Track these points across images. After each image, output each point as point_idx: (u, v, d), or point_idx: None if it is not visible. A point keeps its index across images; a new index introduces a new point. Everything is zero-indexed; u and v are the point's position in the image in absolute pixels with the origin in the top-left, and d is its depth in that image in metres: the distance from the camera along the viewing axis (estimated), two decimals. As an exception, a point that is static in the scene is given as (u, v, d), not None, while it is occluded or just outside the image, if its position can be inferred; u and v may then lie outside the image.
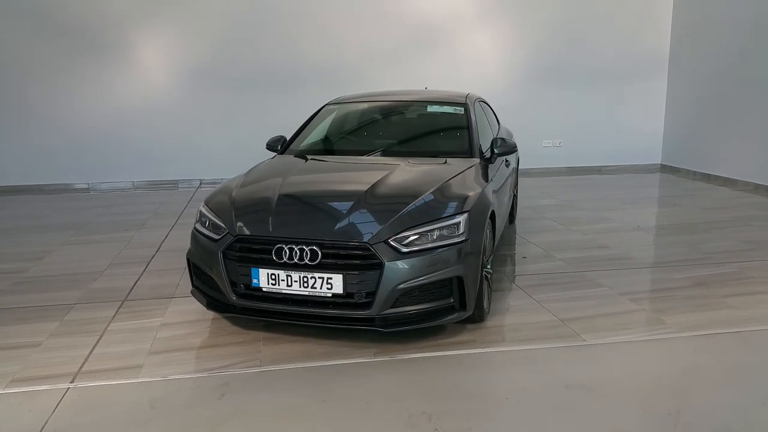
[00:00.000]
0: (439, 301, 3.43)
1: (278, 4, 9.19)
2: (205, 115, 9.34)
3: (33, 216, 7.34)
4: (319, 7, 9.31)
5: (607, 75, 10.33)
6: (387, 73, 9.47)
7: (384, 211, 3.49)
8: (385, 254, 3.27)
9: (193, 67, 9.17)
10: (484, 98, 6.07)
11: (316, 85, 9.10)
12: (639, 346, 3.62)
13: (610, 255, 5.44)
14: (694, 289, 4.55)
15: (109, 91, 9.01)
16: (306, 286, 3.32)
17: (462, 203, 3.61)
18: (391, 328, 3.38)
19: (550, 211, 7.32)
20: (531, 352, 3.54)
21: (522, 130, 10.11)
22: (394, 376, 3.25)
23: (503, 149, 4.58)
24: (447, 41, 9.77)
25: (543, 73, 10.14)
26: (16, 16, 8.57)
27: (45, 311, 4.18)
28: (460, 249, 3.43)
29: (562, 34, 10.08)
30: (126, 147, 9.21)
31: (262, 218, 3.52)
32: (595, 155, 10.67)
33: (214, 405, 2.98)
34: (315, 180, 4.08)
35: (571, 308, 4.18)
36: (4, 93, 8.75)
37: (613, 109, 10.52)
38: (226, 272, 3.47)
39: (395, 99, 5.36)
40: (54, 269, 5.15)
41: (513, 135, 6.69)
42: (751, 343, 3.66)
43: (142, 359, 3.44)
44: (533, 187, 9.12)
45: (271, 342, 3.64)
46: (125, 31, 8.90)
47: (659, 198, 8.39)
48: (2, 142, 8.85)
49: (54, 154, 9.03)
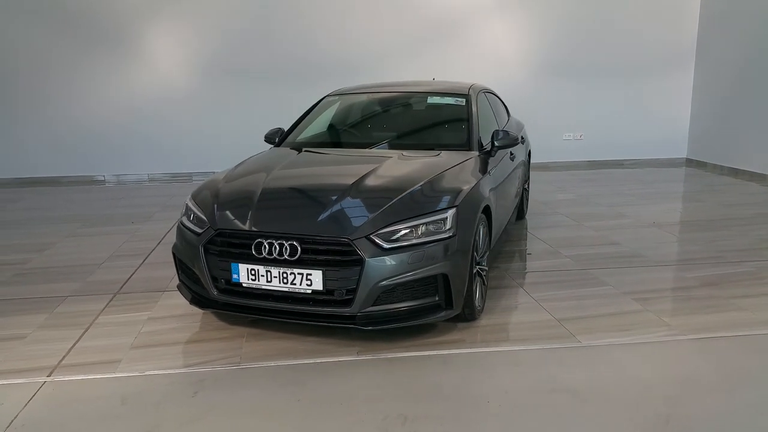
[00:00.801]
0: (424, 299, 3.31)
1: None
2: (219, 107, 9.33)
3: (45, 207, 7.42)
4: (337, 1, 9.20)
5: (630, 66, 10.01)
6: (404, 65, 9.32)
7: (367, 206, 3.38)
8: (366, 250, 3.16)
9: (208, 60, 9.16)
10: (491, 89, 5.90)
11: (332, 77, 8.95)
12: (635, 348, 3.44)
13: (620, 252, 5.24)
14: (702, 289, 4.34)
15: (125, 84, 9.06)
16: (286, 282, 3.23)
17: (450, 198, 3.47)
18: (372, 326, 3.28)
19: (564, 206, 7.12)
20: (520, 353, 3.40)
21: (541, 123, 9.93)
22: (374, 376, 3.15)
23: (504, 142, 4.42)
24: (465, 33, 9.57)
25: (564, 65, 9.88)
26: (33, 11, 8.66)
27: (37, 303, 4.18)
28: (447, 245, 3.30)
29: (584, 24, 9.79)
30: (141, 139, 9.26)
31: (243, 212, 3.44)
32: (617, 149, 10.37)
33: (185, 402, 2.92)
34: (301, 173, 3.99)
35: (571, 308, 4.02)
36: (22, 87, 8.86)
37: (637, 102, 10.19)
38: (207, 267, 3.40)
39: (396, 90, 5.24)
40: (55, 261, 5.17)
41: (524, 127, 6.53)
42: (756, 347, 3.46)
43: (122, 354, 3.41)
44: (551, 181, 8.90)
45: (254, 338, 3.57)
46: (139, 25, 8.93)
47: (681, 193, 8.10)
48: (21, 134, 8.97)
49: (71, 147, 9.13)
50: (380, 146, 4.54)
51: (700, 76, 10.08)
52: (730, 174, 9.24)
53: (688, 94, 10.28)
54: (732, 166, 9.25)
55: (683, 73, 10.19)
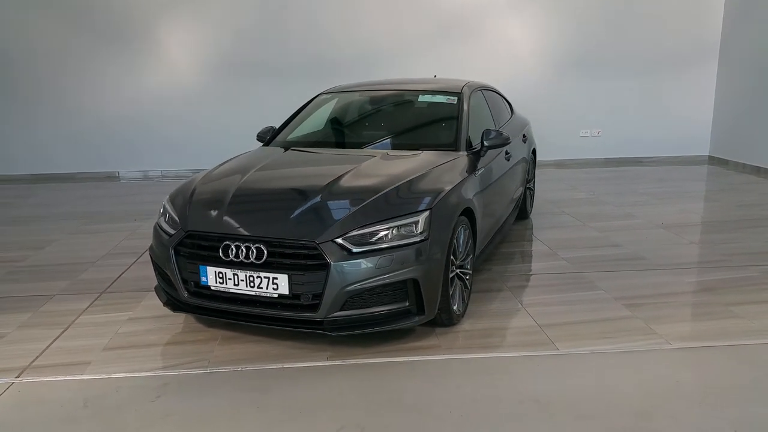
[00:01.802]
0: (393, 304, 3.23)
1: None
2: (233, 103, 9.34)
3: (53, 204, 7.54)
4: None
5: (651, 61, 9.71)
6: (418, 61, 9.20)
7: (337, 209, 3.31)
8: (332, 254, 3.09)
9: (221, 56, 9.18)
10: (492, 86, 5.77)
11: (345, 73, 8.86)
12: (616, 357, 3.31)
13: (620, 255, 5.07)
14: (699, 294, 4.17)
15: (139, 80, 9.15)
16: (252, 285, 3.19)
17: (424, 201, 3.38)
18: (339, 332, 3.21)
19: (572, 205, 6.94)
20: (494, 360, 3.30)
21: (557, 120, 9.75)
22: (340, 382, 3.09)
23: (494, 141, 4.31)
24: (479, 28, 9.40)
25: (581, 60, 9.63)
26: (49, 8, 8.78)
27: (24, 301, 4.22)
28: (419, 249, 3.22)
29: (603, 18, 9.53)
30: (155, 136, 9.34)
31: (213, 214, 3.41)
32: (636, 146, 10.09)
33: (145, 407, 2.90)
34: (277, 175, 3.93)
35: (556, 313, 3.90)
36: (37, 85, 9.01)
37: (658, 97, 9.89)
38: (177, 269, 3.38)
39: (390, 89, 5.14)
40: (51, 258, 5.23)
41: (529, 125, 6.37)
42: (746, 358, 3.29)
43: (94, 355, 3.41)
44: (564, 179, 8.71)
45: (228, 342, 3.54)
46: (154, 22, 8.99)
47: (698, 192, 7.83)
48: (36, 131, 9.14)
49: (86, 143, 9.26)
50: (367, 146, 4.47)
51: (724, 71, 9.73)
52: (752, 172, 8.90)
53: (710, 89, 9.94)
54: (755, 165, 8.91)
55: (706, 68, 9.85)
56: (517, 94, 9.29)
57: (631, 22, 9.56)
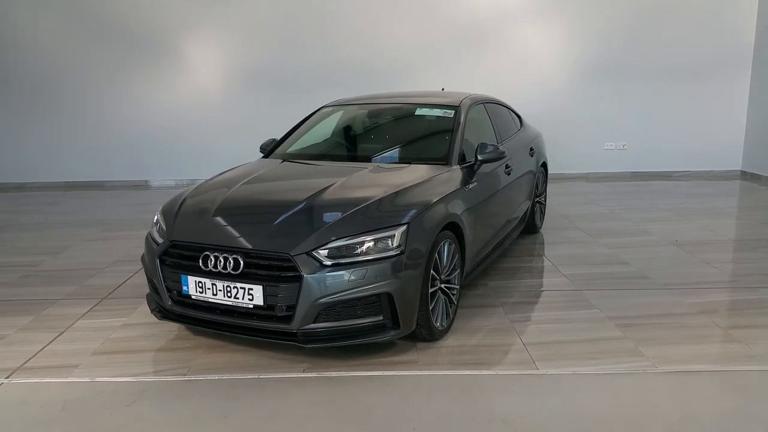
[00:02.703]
0: (367, 318, 3.24)
1: (325, 5, 9.20)
2: (254, 114, 9.50)
3: (77, 211, 7.80)
4: (367, 8, 9.21)
5: (679, 70, 9.47)
6: (435, 73, 9.18)
7: (314, 221, 3.35)
8: (305, 266, 3.13)
9: (242, 69, 9.37)
10: (497, 99, 5.73)
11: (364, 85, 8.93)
12: (597, 379, 3.24)
13: (625, 273, 4.96)
14: (698, 316, 4.04)
15: (165, 91, 9.41)
16: (229, 296, 3.24)
17: (402, 215, 3.39)
18: (312, 344, 3.24)
19: (586, 220, 6.81)
20: (470, 377, 3.27)
21: (580, 132, 9.63)
22: (311, 395, 3.11)
23: (488, 156, 4.28)
24: (499, 36, 9.34)
25: (605, 69, 9.46)
26: (75, 22, 9.13)
27: (29, 305, 4.38)
28: (394, 263, 3.22)
29: (628, 25, 9.35)
30: (181, 145, 9.56)
31: (196, 224, 3.49)
32: (664, 160, 9.85)
33: (118, 412, 2.97)
34: (264, 186, 3.98)
35: (544, 331, 3.84)
36: (66, 95, 9.36)
37: (687, 109, 9.64)
38: (162, 278, 3.46)
39: (390, 102, 5.16)
40: (63, 264, 5.41)
41: (539, 137, 6.30)
42: (738, 385, 3.17)
43: (82, 359, 3.51)
44: (584, 193, 8.56)
45: (212, 350, 3.61)
46: (177, 34, 9.25)
47: (723, 209, 7.58)
48: (65, 140, 9.48)
49: (112, 152, 9.56)
50: (362, 158, 4.51)
51: (758, 80, 9.42)
52: (785, 189, 8.60)
53: (743, 99, 9.63)
54: (788, 181, 8.61)
55: (738, 77, 9.56)
56: (537, 105, 9.28)
57: (657, 29, 9.36)
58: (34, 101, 9.36)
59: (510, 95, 8.82)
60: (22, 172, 9.54)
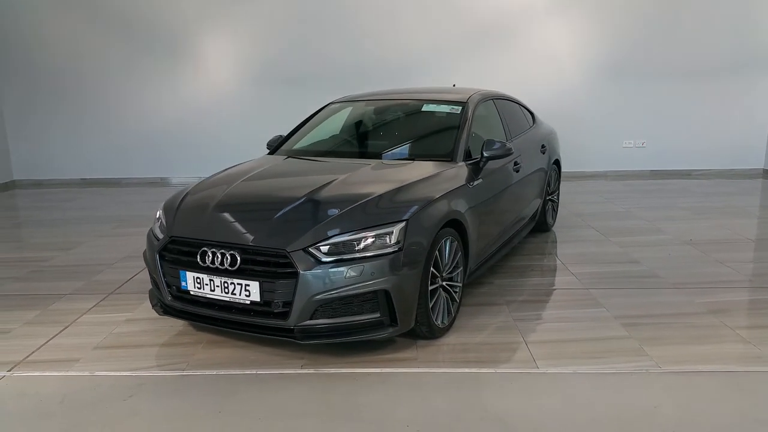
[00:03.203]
0: (364, 315, 3.21)
1: (343, 1, 9.18)
2: (273, 111, 9.51)
3: (94, 208, 7.89)
4: (384, 4, 9.18)
5: (700, 67, 9.28)
6: (453, 70, 9.12)
7: (312, 217, 3.33)
8: (302, 262, 3.11)
9: (259, 66, 9.40)
10: (508, 96, 5.67)
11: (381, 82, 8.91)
12: (598, 379, 3.18)
13: (635, 272, 4.87)
14: (708, 316, 3.95)
15: (181, 89, 9.47)
16: (227, 291, 3.24)
17: (401, 211, 3.35)
18: (309, 340, 3.22)
19: (600, 219, 6.71)
20: (468, 375, 3.23)
21: (599, 129, 9.50)
22: (307, 391, 3.10)
23: (494, 152, 4.23)
24: (518, 33, 9.24)
25: (625, 66, 9.30)
26: (95, 21, 9.24)
27: (37, 300, 4.44)
28: (392, 261, 3.19)
29: (648, 22, 9.18)
30: (198, 142, 9.60)
31: (195, 220, 3.50)
32: (684, 158, 9.67)
33: (115, 405, 2.99)
34: (265, 183, 3.97)
35: (548, 330, 3.79)
36: (86, 93, 9.48)
37: (708, 106, 9.45)
38: (161, 273, 3.48)
39: (396, 98, 5.13)
40: (74, 259, 5.48)
41: (552, 134, 6.22)
42: (739, 386, 3.09)
43: (84, 353, 3.54)
44: (601, 191, 8.44)
45: (212, 346, 3.62)
46: (194, 32, 9.31)
47: (742, 208, 7.40)
48: (85, 138, 9.61)
49: (131, 149, 9.65)
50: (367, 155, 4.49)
51: (781, 78, 9.21)
52: (809, 187, 8.38)
53: (766, 99, 9.41)
54: (812, 179, 8.39)
55: (761, 77, 9.34)
56: (556, 102, 9.18)
57: (678, 26, 9.19)
58: (55, 99, 9.49)
59: (528, 92, 8.77)
60: (41, 169, 9.69)
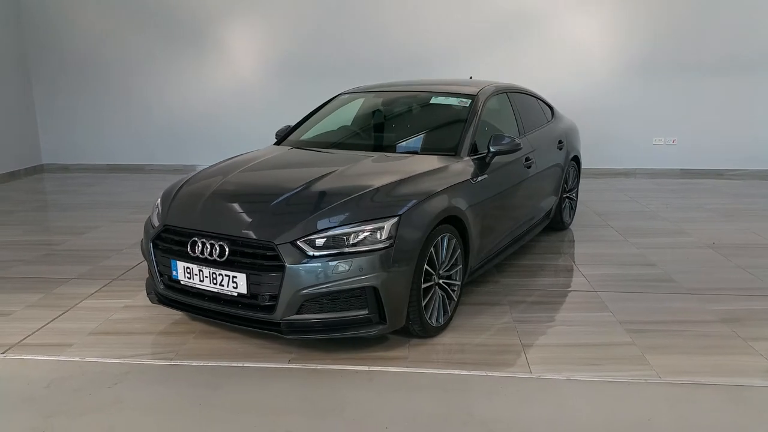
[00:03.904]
0: (351, 311, 3.14)
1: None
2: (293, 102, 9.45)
3: (113, 193, 7.99)
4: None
5: (735, 62, 8.87)
6: (478, 62, 8.95)
7: (303, 210, 3.27)
8: (289, 256, 3.06)
9: (283, 56, 9.36)
10: (525, 89, 5.51)
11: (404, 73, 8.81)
12: (592, 387, 3.06)
13: (649, 275, 4.69)
14: (719, 325, 3.77)
15: (205, 78, 9.51)
16: (215, 282, 3.21)
17: (395, 206, 3.27)
18: (295, 335, 3.18)
19: (621, 218, 6.50)
20: (457, 377, 3.14)
21: (627, 126, 9.23)
22: (291, 386, 3.06)
23: (501, 148, 4.09)
24: (545, 26, 9.00)
25: (655, 61, 8.97)
26: (122, 10, 9.34)
27: (43, 283, 4.49)
28: (382, 257, 3.11)
29: (680, 15, 8.83)
30: (221, 131, 9.61)
31: (188, 210, 3.47)
32: (717, 157, 9.31)
33: (99, 392, 2.99)
34: (262, 174, 3.92)
35: (548, 333, 3.67)
36: (112, 82, 9.61)
37: (742, 103, 9.04)
38: (155, 262, 3.47)
39: (406, 90, 5.03)
40: (86, 244, 5.54)
41: (572, 130, 6.03)
42: (741, 400, 2.94)
43: (78, 338, 3.56)
44: (626, 189, 8.19)
45: (204, 336, 3.60)
46: (218, 21, 9.32)
47: (773, 211, 7.11)
48: (111, 124, 9.75)
49: (155, 136, 9.76)
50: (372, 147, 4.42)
51: (823, 76, 8.78)
52: None
53: (807, 97, 9.00)
54: None
55: (802, 74, 8.93)
56: (583, 96, 8.96)
57: (711, 20, 8.82)
58: (82, 86, 9.64)
59: (554, 85, 8.61)
60: (68, 154, 9.87)
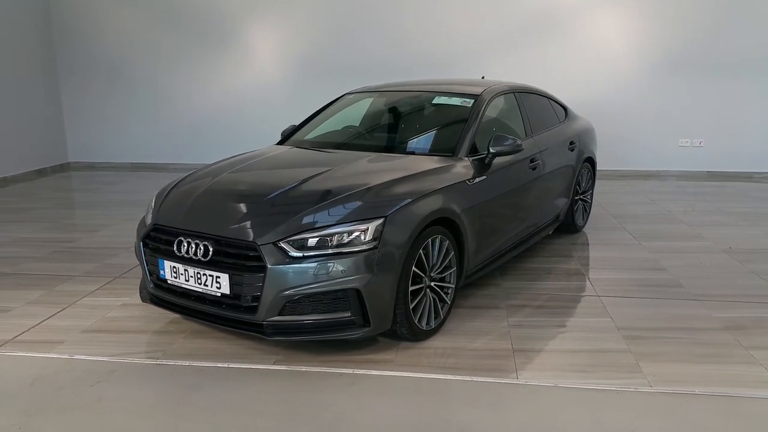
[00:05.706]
0: (334, 313, 3.10)
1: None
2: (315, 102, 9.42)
3: (132, 191, 8.09)
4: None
5: (764, 64, 8.60)
6: (499, 63, 8.82)
7: (287, 211, 3.24)
8: (271, 256, 3.04)
9: (307, 56, 9.36)
10: (537, 89, 5.40)
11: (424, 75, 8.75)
12: (577, 394, 2.96)
13: (657, 280, 4.54)
14: (721, 333, 3.62)
15: (230, 78, 9.58)
16: (199, 282, 3.21)
17: (381, 207, 3.22)
18: (277, 336, 3.15)
19: (638, 221, 6.32)
20: (441, 382, 3.08)
21: (652, 127, 9.01)
22: (271, 388, 3.04)
23: (501, 149, 4.00)
24: (569, 25, 8.81)
25: (681, 61, 8.71)
26: (150, 11, 9.49)
27: (47, 280, 4.56)
28: (366, 258, 3.07)
29: (707, 14, 8.57)
30: (242, 131, 9.63)
31: (176, 209, 3.48)
32: (745, 159, 8.99)
33: (81, 390, 3.01)
34: (252, 174, 3.89)
35: (542, 338, 3.57)
36: (138, 80, 9.76)
37: (773, 105, 8.77)
38: (144, 261, 3.49)
39: (410, 90, 4.96)
40: (96, 242, 5.62)
41: (589, 130, 5.93)
42: (734, 411, 2.80)
43: (70, 336, 3.60)
44: (648, 192, 7.97)
45: (194, 336, 3.61)
46: (243, 21, 9.38)
47: (801, 215, 6.83)
48: (136, 123, 9.91)
49: (180, 136, 9.86)
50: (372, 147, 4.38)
51: None
52: None
53: (840, 97, 8.64)
54: None
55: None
56: (608, 97, 8.80)
57: (739, 19, 8.52)
58: (110, 85, 9.82)
59: (577, 86, 8.47)
60: (94, 152, 10.06)
